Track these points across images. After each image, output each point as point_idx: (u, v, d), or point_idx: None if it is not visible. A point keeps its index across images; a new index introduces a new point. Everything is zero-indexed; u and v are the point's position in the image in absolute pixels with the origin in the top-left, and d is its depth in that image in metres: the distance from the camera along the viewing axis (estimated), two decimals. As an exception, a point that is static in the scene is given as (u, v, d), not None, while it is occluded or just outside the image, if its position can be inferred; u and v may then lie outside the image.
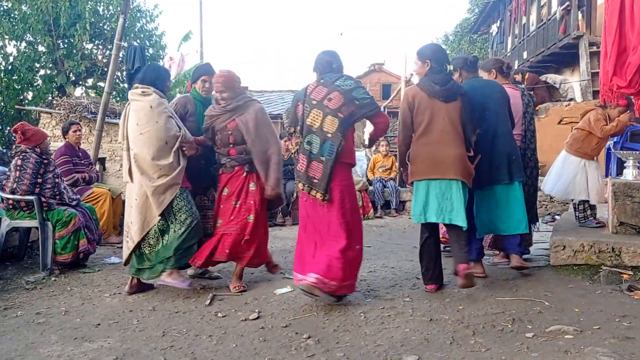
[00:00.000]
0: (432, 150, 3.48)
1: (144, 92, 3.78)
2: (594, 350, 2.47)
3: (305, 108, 3.43)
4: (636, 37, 4.31)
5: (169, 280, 3.69)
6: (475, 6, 25.72)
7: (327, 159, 3.31)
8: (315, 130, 3.37)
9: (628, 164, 4.56)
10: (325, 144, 3.33)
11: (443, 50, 3.82)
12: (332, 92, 3.36)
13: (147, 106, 3.71)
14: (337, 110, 3.32)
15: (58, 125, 9.76)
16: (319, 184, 3.33)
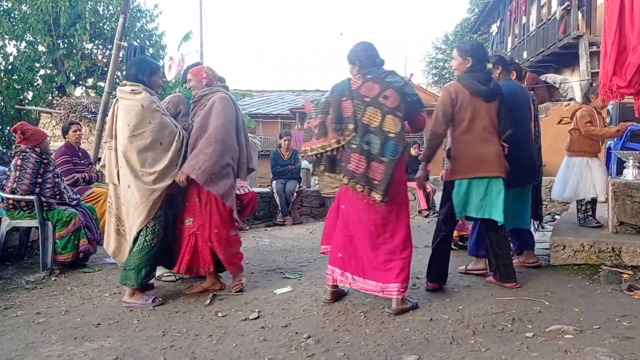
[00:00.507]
0: (475, 148, 3.52)
1: (134, 90, 3.54)
2: (594, 349, 2.47)
3: (356, 105, 3.22)
4: (636, 37, 4.31)
5: (131, 301, 3.58)
6: (475, 6, 25.74)
7: (390, 160, 3.16)
8: (373, 129, 3.18)
9: (628, 164, 4.56)
10: (387, 144, 3.17)
11: (483, 47, 3.85)
12: (386, 90, 3.20)
13: (138, 105, 3.49)
14: (396, 109, 3.19)
15: (58, 125, 9.79)
16: (379, 186, 3.17)
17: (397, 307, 3.21)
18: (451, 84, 3.64)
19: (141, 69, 3.63)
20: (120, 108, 3.57)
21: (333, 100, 3.28)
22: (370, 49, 3.38)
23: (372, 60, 3.33)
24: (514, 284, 3.63)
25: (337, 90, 3.30)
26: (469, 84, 3.53)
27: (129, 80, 3.62)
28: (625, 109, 7.39)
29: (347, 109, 3.24)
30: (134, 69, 3.66)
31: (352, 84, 3.28)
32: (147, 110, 3.50)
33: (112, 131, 3.60)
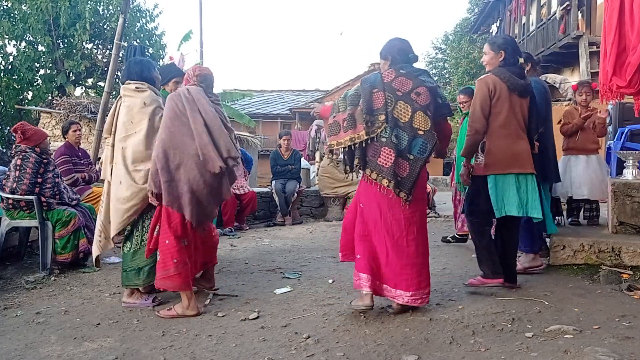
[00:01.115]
0: (511, 143, 3.42)
1: (138, 87, 3.57)
2: (594, 349, 2.47)
3: (388, 97, 3.09)
4: (636, 36, 4.31)
5: (130, 301, 3.57)
6: (475, 6, 25.73)
7: (418, 158, 3.06)
8: (402, 125, 3.07)
9: (628, 164, 4.56)
10: (415, 141, 3.06)
11: (515, 41, 3.74)
12: (419, 87, 3.10)
13: (141, 103, 3.51)
14: (427, 108, 3.09)
15: (58, 125, 9.79)
16: (404, 183, 3.06)
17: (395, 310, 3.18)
18: (487, 76, 3.47)
19: (144, 67, 3.66)
20: (122, 105, 3.59)
21: (363, 92, 3.13)
22: (404, 44, 3.27)
23: (405, 56, 3.22)
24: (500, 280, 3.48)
25: (368, 82, 3.17)
26: (508, 77, 3.40)
27: (132, 79, 3.62)
28: (625, 108, 7.41)
29: (378, 101, 3.10)
30: (136, 67, 3.66)
31: (385, 77, 3.15)
32: (148, 108, 3.51)
33: (111, 127, 3.61)
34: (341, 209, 8.18)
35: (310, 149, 10.59)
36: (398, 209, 3.11)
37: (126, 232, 3.57)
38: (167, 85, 4.11)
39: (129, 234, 3.56)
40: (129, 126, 3.51)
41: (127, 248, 3.57)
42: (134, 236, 3.55)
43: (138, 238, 3.54)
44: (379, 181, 3.09)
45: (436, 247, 5.43)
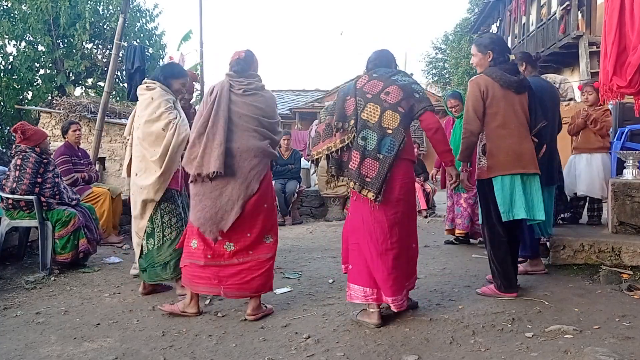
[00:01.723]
0: (512, 143, 3.34)
1: (149, 86, 3.72)
2: (594, 349, 2.47)
3: (358, 102, 3.10)
4: (636, 36, 4.31)
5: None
6: (475, 6, 25.73)
7: (386, 156, 3.00)
8: (371, 125, 3.05)
9: (628, 164, 4.56)
10: (384, 140, 3.02)
11: (502, 39, 3.73)
12: (389, 86, 3.08)
13: (149, 98, 3.65)
14: (398, 105, 3.03)
15: (58, 125, 9.78)
16: (372, 183, 3.00)
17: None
18: (479, 77, 3.45)
19: (163, 72, 3.81)
20: (137, 104, 3.78)
21: (337, 101, 3.19)
22: (379, 54, 3.30)
23: (387, 63, 3.26)
24: (514, 294, 3.42)
25: (343, 91, 3.22)
26: (499, 75, 3.35)
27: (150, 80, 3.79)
28: (625, 108, 7.39)
29: (349, 107, 3.12)
30: (157, 70, 3.91)
31: (358, 83, 3.17)
32: (155, 102, 3.61)
33: (130, 129, 3.80)
34: (341, 209, 8.18)
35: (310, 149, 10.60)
36: (379, 212, 3.03)
37: (147, 230, 3.63)
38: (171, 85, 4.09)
39: (150, 230, 3.63)
40: (141, 120, 3.67)
41: (151, 245, 3.63)
42: (155, 232, 3.62)
43: (160, 234, 3.62)
44: (351, 186, 3.08)
45: (436, 247, 5.43)
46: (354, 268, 3.12)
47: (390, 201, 3.03)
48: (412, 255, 3.22)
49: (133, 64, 7.33)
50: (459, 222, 5.40)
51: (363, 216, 3.08)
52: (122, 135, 9.80)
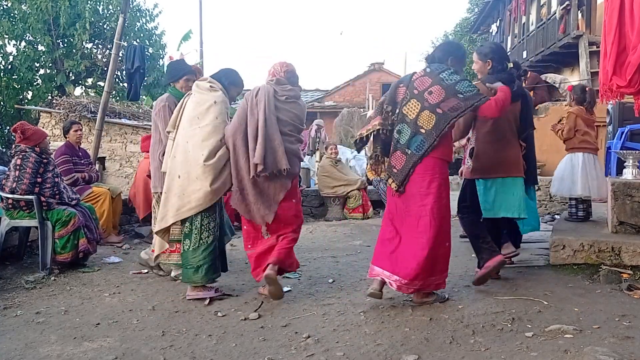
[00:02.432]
0: (498, 149, 3.58)
1: (212, 87, 3.69)
2: (594, 349, 2.47)
3: (406, 94, 3.29)
4: (636, 36, 4.31)
5: (193, 294, 3.63)
6: (475, 6, 25.71)
7: (413, 154, 3.19)
8: (408, 121, 3.23)
9: (628, 164, 4.56)
10: (415, 137, 3.20)
11: (502, 48, 3.95)
12: (434, 86, 3.20)
13: (212, 101, 3.62)
14: (437, 106, 3.16)
15: (58, 125, 9.78)
16: (397, 175, 3.24)
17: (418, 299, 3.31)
18: (476, 84, 3.55)
19: (227, 77, 3.82)
20: (192, 100, 3.68)
21: (392, 85, 3.41)
22: (451, 46, 3.49)
23: (445, 57, 3.36)
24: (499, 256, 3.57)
25: (400, 79, 3.45)
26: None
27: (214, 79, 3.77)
28: (625, 108, 7.39)
29: (400, 95, 3.33)
30: (221, 73, 3.84)
31: (414, 76, 3.34)
32: (217, 107, 3.61)
33: (176, 122, 3.71)
34: (341, 209, 8.18)
35: (310, 149, 10.59)
36: (406, 203, 3.26)
37: (185, 230, 3.60)
38: (177, 82, 4.16)
39: (188, 231, 3.60)
40: (195, 120, 3.60)
41: (187, 246, 3.61)
42: (193, 234, 3.59)
43: (197, 236, 3.58)
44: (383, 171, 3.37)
45: (436, 247, 5.43)
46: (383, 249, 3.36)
47: (415, 194, 3.22)
48: (442, 252, 3.28)
49: (133, 63, 7.32)
50: None
51: (397, 204, 3.33)
52: (122, 135, 9.81)
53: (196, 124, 3.58)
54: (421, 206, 3.20)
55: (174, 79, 4.19)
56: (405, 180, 3.22)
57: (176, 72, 4.21)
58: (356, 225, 7.15)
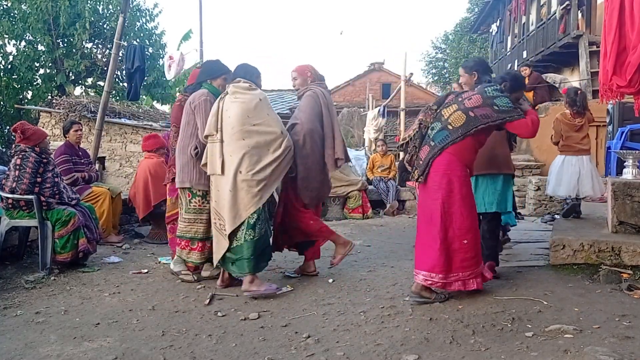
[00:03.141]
0: (489, 148, 3.74)
1: (251, 86, 3.85)
2: (594, 349, 2.47)
3: (451, 100, 3.53)
4: (636, 36, 4.31)
5: (254, 289, 3.67)
6: (475, 6, 25.72)
7: (436, 145, 3.38)
8: (442, 120, 3.45)
9: (628, 164, 4.56)
10: (442, 132, 3.40)
11: (485, 61, 4.36)
12: (475, 95, 3.45)
13: (257, 99, 3.77)
14: (470, 110, 3.36)
15: (57, 124, 9.79)
16: (420, 165, 3.44)
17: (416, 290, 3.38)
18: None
19: (248, 71, 3.94)
20: (234, 102, 3.77)
21: (443, 95, 3.64)
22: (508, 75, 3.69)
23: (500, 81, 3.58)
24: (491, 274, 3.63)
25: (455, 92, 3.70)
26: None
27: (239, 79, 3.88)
28: (625, 108, 7.40)
29: (447, 100, 3.56)
30: (241, 71, 3.94)
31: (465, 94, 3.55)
32: (264, 103, 3.82)
33: (217, 125, 3.76)
34: (341, 209, 8.18)
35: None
36: (425, 194, 3.43)
37: (250, 220, 3.68)
38: (215, 80, 4.15)
39: (253, 222, 3.68)
40: (245, 119, 3.71)
41: (250, 236, 3.68)
42: (257, 225, 3.69)
43: (260, 225, 3.71)
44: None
45: (436, 247, 5.43)
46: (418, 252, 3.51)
47: (431, 187, 3.39)
48: (458, 248, 3.31)
49: (133, 63, 7.32)
50: None
51: (424, 200, 3.49)
52: (122, 134, 9.81)
53: (248, 122, 3.70)
54: (434, 200, 3.36)
55: (213, 76, 4.17)
56: (426, 170, 3.38)
57: (216, 70, 4.21)
58: (356, 225, 7.15)
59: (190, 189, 4.00)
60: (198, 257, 4.06)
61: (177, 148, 4.13)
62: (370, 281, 4.01)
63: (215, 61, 4.34)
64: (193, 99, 4.04)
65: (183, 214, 4.06)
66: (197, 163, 3.94)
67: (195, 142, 3.95)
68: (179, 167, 4.06)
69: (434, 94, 25.00)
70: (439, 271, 3.29)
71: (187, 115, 4.06)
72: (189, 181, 3.97)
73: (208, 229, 3.98)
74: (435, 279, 3.30)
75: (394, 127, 17.17)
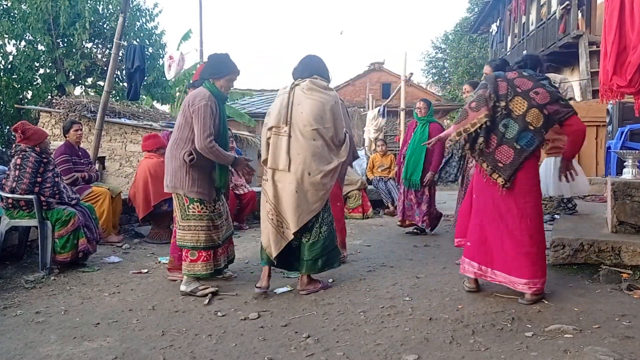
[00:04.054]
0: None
1: (328, 86, 3.84)
2: (594, 349, 2.47)
3: (508, 90, 3.38)
4: (636, 36, 4.31)
5: (311, 287, 3.75)
6: (475, 5, 25.73)
7: (524, 149, 3.30)
8: (515, 117, 3.34)
9: (627, 163, 4.56)
10: (525, 133, 3.31)
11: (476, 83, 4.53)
12: (538, 87, 3.35)
13: (333, 101, 3.75)
14: (544, 107, 3.30)
15: (57, 124, 9.77)
16: (504, 170, 3.32)
17: (530, 298, 3.28)
18: None
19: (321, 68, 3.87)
20: (309, 98, 3.70)
21: (489, 79, 3.45)
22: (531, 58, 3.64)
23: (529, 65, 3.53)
24: None
25: (496, 74, 3.51)
26: None
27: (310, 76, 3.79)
28: (625, 108, 7.40)
29: (502, 88, 3.38)
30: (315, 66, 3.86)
31: (508, 75, 3.46)
32: (338, 107, 3.80)
33: (287, 118, 3.68)
34: (341, 208, 8.17)
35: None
36: (497, 195, 3.35)
37: (308, 224, 3.70)
38: (218, 80, 3.78)
39: (310, 225, 3.70)
40: (319, 120, 3.67)
41: (306, 239, 3.72)
42: (314, 228, 3.72)
43: (317, 230, 3.72)
44: (480, 163, 3.41)
45: (436, 247, 5.43)
46: (472, 245, 3.48)
47: (521, 191, 3.31)
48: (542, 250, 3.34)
49: (133, 63, 7.32)
50: (409, 214, 6.25)
51: (493, 199, 3.39)
52: (122, 134, 9.81)
53: (322, 123, 3.66)
54: (525, 203, 3.31)
55: (217, 75, 3.77)
56: (513, 175, 3.30)
57: (222, 69, 3.79)
58: (356, 225, 7.15)
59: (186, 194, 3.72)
60: (202, 268, 3.73)
61: (168, 149, 3.80)
62: (370, 281, 4.02)
63: (223, 57, 3.86)
64: (193, 101, 3.68)
65: (180, 220, 3.77)
66: (190, 169, 3.66)
67: (191, 148, 3.65)
68: (171, 171, 3.74)
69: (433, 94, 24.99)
70: (541, 276, 3.28)
71: (183, 117, 3.73)
72: (181, 188, 3.69)
73: (211, 237, 3.76)
74: (538, 284, 3.27)
75: (394, 127, 17.18)
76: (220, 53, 3.89)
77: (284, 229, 3.74)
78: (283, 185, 3.69)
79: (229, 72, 3.80)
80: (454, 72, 27.55)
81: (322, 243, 3.73)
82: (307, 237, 3.73)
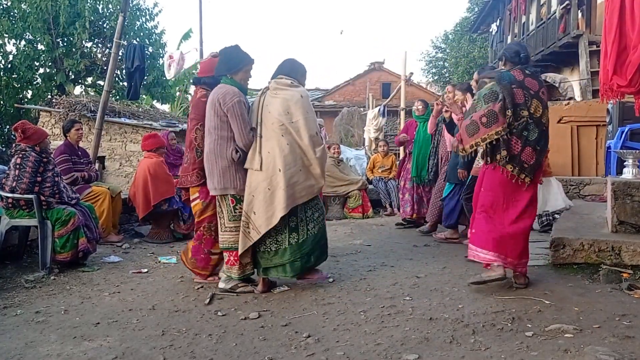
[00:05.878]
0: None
1: (293, 82, 3.78)
2: (594, 349, 2.47)
3: (525, 95, 3.49)
4: (636, 35, 4.30)
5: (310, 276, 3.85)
6: (475, 5, 25.72)
7: (543, 149, 3.55)
8: (534, 119, 3.49)
9: (628, 163, 4.56)
10: (542, 134, 3.53)
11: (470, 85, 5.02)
12: (542, 88, 3.55)
13: (298, 96, 3.71)
14: (547, 106, 3.58)
15: (57, 124, 9.76)
16: (530, 170, 3.52)
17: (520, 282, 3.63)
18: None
19: (294, 68, 3.86)
20: (275, 97, 3.72)
21: (504, 88, 3.47)
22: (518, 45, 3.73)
23: (517, 56, 3.59)
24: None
25: (505, 79, 3.50)
26: None
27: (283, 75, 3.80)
28: (625, 108, 7.39)
29: (519, 96, 3.47)
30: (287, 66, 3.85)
31: (517, 76, 3.52)
32: (305, 101, 3.74)
33: (257, 120, 3.73)
34: (341, 208, 8.18)
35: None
36: (521, 190, 3.56)
37: (291, 224, 3.69)
38: (236, 74, 3.82)
39: (294, 225, 3.70)
40: (284, 115, 3.65)
41: (295, 239, 3.70)
42: (300, 227, 3.72)
43: (304, 228, 3.73)
44: (502, 165, 3.52)
45: (436, 246, 5.43)
46: (480, 234, 3.63)
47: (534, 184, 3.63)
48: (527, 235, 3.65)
49: (133, 62, 7.32)
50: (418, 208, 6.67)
51: (505, 194, 3.59)
52: (122, 134, 9.81)
53: (288, 119, 3.64)
54: (525, 192, 3.57)
55: (233, 70, 3.80)
56: (535, 173, 3.56)
57: (237, 63, 3.82)
58: (356, 225, 7.15)
59: (234, 195, 3.75)
60: (250, 268, 3.83)
61: (210, 150, 3.75)
62: (370, 281, 4.01)
63: (234, 50, 3.86)
64: (223, 100, 3.67)
65: (226, 222, 3.77)
66: (238, 168, 3.71)
67: (234, 146, 3.70)
68: (218, 173, 3.71)
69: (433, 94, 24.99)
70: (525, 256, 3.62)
71: (217, 117, 3.70)
72: (233, 188, 3.72)
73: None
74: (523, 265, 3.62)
75: (394, 127, 17.16)
76: (230, 46, 3.92)
77: (249, 230, 3.69)
78: (256, 183, 3.67)
79: (245, 64, 3.87)
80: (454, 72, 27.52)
81: (312, 240, 3.74)
82: (295, 237, 3.71)
